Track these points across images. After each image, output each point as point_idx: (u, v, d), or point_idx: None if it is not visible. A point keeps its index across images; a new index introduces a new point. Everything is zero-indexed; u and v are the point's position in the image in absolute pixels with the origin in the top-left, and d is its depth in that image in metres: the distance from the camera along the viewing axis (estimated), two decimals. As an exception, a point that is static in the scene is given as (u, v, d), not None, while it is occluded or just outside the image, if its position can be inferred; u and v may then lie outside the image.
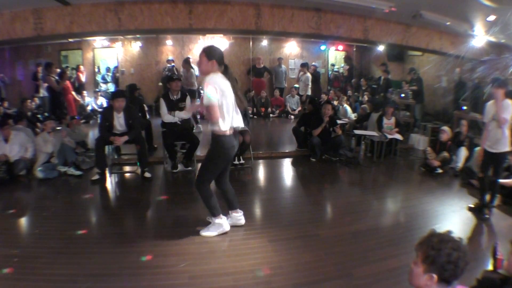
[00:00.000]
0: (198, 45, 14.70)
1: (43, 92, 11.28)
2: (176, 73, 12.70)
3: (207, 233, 4.48)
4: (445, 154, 7.46)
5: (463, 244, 1.95)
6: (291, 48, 15.80)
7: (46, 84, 10.83)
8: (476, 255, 4.09)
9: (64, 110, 10.32)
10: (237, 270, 3.73)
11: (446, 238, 1.95)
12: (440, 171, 7.33)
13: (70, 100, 11.03)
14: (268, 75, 14.71)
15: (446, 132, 7.69)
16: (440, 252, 1.89)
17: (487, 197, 5.56)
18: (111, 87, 14.25)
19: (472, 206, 5.60)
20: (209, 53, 4.11)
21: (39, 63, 11.82)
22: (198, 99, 13.65)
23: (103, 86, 14.37)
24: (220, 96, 3.97)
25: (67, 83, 11.12)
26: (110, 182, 6.63)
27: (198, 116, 10.41)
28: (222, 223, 4.51)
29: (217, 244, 4.28)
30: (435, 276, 1.90)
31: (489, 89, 5.23)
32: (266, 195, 6.13)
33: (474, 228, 5.01)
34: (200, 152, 7.36)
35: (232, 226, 4.65)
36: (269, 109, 13.86)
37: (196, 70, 11.48)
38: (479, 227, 5.04)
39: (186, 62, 11.47)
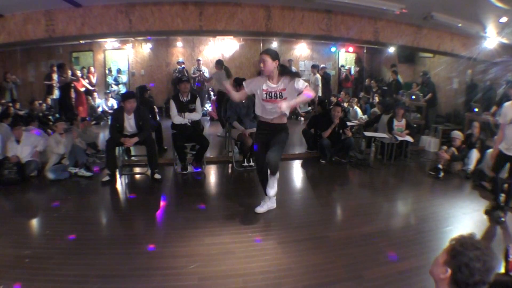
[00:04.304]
0: (208, 46, 14.77)
1: (57, 94, 11.35)
2: (186, 74, 12.73)
3: (263, 208, 5.19)
4: (453, 149, 7.52)
5: (492, 261, 1.87)
6: (301, 50, 15.82)
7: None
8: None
9: (75, 111, 10.40)
10: (247, 272, 3.72)
11: (478, 245, 1.90)
12: (442, 174, 7.25)
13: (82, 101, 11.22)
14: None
15: (458, 138, 7.63)
16: (464, 251, 1.86)
17: (502, 199, 5.51)
18: (122, 89, 14.29)
19: (489, 208, 5.52)
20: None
21: (52, 64, 11.90)
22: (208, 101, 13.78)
23: (114, 88, 14.40)
24: None
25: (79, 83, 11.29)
26: (120, 184, 6.65)
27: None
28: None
29: (226, 245, 4.27)
30: (449, 271, 1.88)
31: (504, 89, 5.19)
32: (275, 197, 6.11)
33: (486, 231, 4.96)
34: (210, 154, 7.36)
35: (241, 229, 4.69)
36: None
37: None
38: (491, 230, 4.99)
39: (219, 64, 11.28)
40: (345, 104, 11.74)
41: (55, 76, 11.37)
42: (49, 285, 3.42)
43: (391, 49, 12.56)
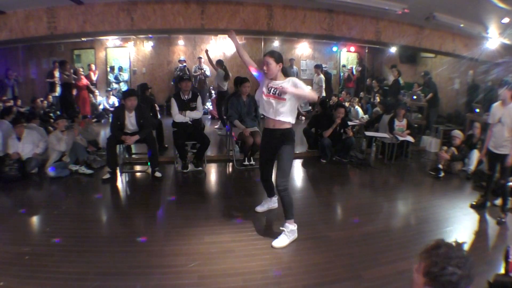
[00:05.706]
0: (210, 45, 14.74)
1: (59, 91, 11.36)
2: (188, 73, 12.72)
3: (282, 243, 4.28)
4: (453, 149, 7.56)
5: (469, 260, 1.84)
6: (303, 49, 15.81)
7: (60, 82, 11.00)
8: (487, 258, 4.06)
9: (77, 108, 10.43)
10: (247, 271, 3.73)
11: (452, 254, 1.86)
12: (442, 174, 7.25)
13: (85, 98, 11.29)
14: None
15: (458, 137, 7.64)
16: (443, 271, 1.81)
17: (499, 201, 5.53)
18: (123, 87, 14.28)
19: (474, 203, 5.67)
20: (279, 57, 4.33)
21: (54, 61, 11.91)
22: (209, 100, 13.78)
23: (115, 85, 14.38)
24: None
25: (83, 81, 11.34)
26: (120, 182, 6.65)
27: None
28: (295, 229, 4.43)
29: (226, 244, 4.27)
30: None
31: (501, 91, 5.21)
32: (276, 197, 6.11)
33: (486, 231, 4.96)
34: (210, 152, 7.34)
35: (241, 227, 4.71)
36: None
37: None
38: (491, 230, 4.99)
39: (219, 63, 11.18)
40: (346, 104, 11.73)
41: (57, 74, 11.39)
42: (48, 282, 3.43)
43: (393, 49, 12.55)
